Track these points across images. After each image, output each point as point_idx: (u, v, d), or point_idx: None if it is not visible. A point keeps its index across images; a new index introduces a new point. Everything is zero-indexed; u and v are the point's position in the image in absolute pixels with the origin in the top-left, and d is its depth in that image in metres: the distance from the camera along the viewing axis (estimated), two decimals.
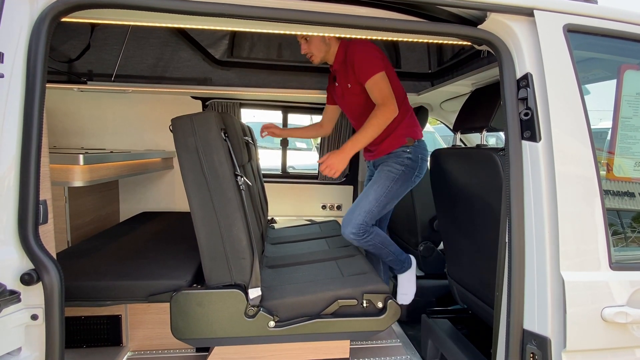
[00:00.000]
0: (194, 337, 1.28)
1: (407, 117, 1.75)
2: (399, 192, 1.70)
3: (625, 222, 1.01)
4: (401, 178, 1.68)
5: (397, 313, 1.40)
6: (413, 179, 1.72)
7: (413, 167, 1.70)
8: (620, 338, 0.85)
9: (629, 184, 1.01)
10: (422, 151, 1.74)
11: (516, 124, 0.93)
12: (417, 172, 1.72)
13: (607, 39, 0.97)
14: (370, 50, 1.62)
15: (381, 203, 1.66)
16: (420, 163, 1.73)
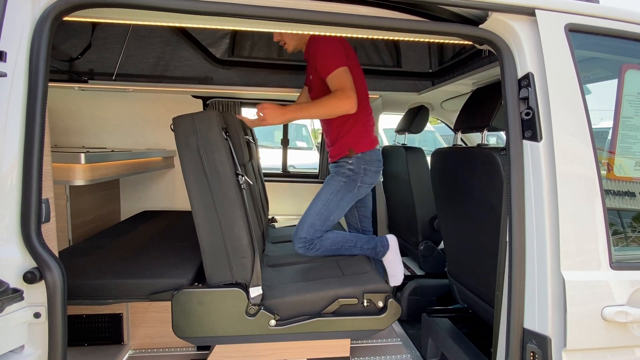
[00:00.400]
0: (195, 335, 1.28)
1: (358, 125, 1.68)
2: (341, 204, 1.66)
3: (625, 221, 1.01)
4: (341, 190, 1.65)
5: (397, 312, 1.40)
6: (356, 191, 1.67)
7: (354, 178, 1.66)
8: (620, 337, 0.85)
9: (629, 183, 1.01)
10: (367, 163, 1.67)
11: (517, 123, 0.93)
12: (359, 183, 1.67)
13: (609, 39, 0.97)
14: (333, 44, 1.54)
15: (322, 216, 1.63)
16: (363, 174, 1.66)
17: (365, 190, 1.71)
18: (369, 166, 1.67)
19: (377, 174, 1.71)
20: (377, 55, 2.33)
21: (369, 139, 1.70)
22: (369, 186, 1.71)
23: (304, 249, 1.63)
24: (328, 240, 1.67)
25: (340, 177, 1.66)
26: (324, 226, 1.65)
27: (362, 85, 1.68)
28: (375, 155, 1.71)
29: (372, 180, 1.70)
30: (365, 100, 1.72)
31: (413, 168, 2.17)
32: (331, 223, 1.68)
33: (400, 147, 2.28)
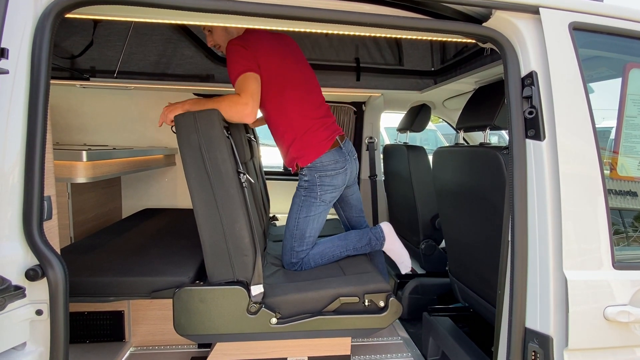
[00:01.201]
0: (196, 333, 1.28)
1: (298, 137, 1.54)
2: (310, 218, 1.58)
3: (628, 221, 1.01)
4: (304, 205, 1.58)
5: (398, 311, 1.40)
6: (319, 201, 1.57)
7: (312, 189, 1.56)
8: (622, 337, 0.85)
9: (632, 183, 1.01)
10: (320, 170, 1.55)
11: (520, 122, 0.92)
12: (319, 192, 1.56)
13: (613, 37, 0.97)
14: (235, 50, 1.41)
15: (297, 236, 1.58)
16: (319, 182, 1.56)
17: (330, 195, 1.59)
18: (323, 172, 1.56)
19: (336, 177, 1.58)
20: (379, 54, 2.33)
21: (313, 147, 1.54)
22: (332, 190, 1.59)
23: (296, 268, 1.60)
24: (316, 256, 1.61)
25: (300, 192, 1.61)
26: (304, 245, 1.59)
27: (303, 82, 1.55)
28: (328, 159, 1.55)
29: (334, 183, 1.58)
30: (307, 102, 1.55)
31: (415, 167, 2.16)
32: (310, 239, 1.61)
33: (402, 146, 2.28)
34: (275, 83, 1.48)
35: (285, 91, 1.50)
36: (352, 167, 1.65)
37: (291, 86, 1.51)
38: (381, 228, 1.71)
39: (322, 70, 2.30)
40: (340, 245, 1.64)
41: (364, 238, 1.68)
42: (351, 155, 1.66)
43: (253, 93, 1.36)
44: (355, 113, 2.72)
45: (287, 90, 1.50)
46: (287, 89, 1.50)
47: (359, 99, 2.66)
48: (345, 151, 1.62)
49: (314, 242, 1.64)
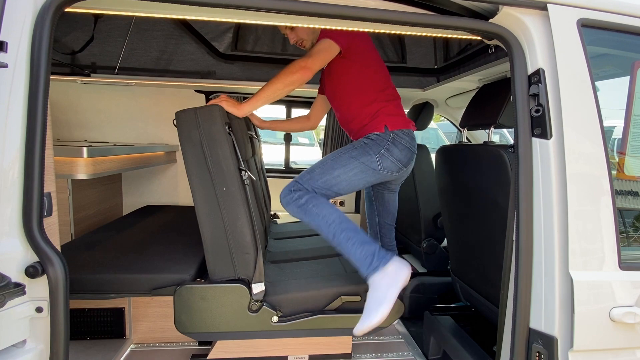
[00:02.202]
0: (197, 331, 1.28)
1: (388, 103, 1.46)
2: (351, 164, 1.35)
3: (634, 221, 0.99)
4: (359, 148, 1.38)
5: (400, 310, 1.39)
6: (376, 158, 1.36)
7: (379, 142, 1.38)
8: (628, 338, 0.84)
9: (639, 183, 1.00)
10: (396, 133, 1.40)
11: (526, 120, 0.91)
12: (383, 151, 1.37)
13: (622, 35, 0.95)
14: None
15: (326, 166, 1.36)
16: (390, 143, 1.38)
17: (389, 165, 1.38)
18: (399, 138, 1.40)
19: (408, 153, 1.43)
20: (381, 51, 2.31)
21: (402, 117, 1.48)
22: (394, 162, 1.39)
23: (285, 195, 1.36)
24: (319, 207, 1.32)
25: (362, 140, 1.41)
26: (322, 180, 1.35)
27: (373, 74, 1.48)
28: (409, 135, 1.46)
29: (401, 157, 1.40)
30: (385, 92, 1.49)
31: (417, 165, 2.15)
32: (330, 181, 1.35)
33: None
34: (368, 57, 1.47)
35: (376, 65, 1.48)
36: (411, 165, 1.54)
37: (384, 73, 1.51)
38: (393, 261, 1.28)
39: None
40: (348, 227, 1.32)
41: (371, 247, 1.30)
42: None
43: (320, 58, 1.34)
44: None
45: (378, 66, 1.48)
46: (379, 66, 1.49)
47: None
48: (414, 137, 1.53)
49: (329, 196, 1.39)
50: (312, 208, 1.32)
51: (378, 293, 1.23)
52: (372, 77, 1.48)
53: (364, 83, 1.47)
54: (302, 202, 1.33)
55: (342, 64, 1.45)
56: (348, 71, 1.46)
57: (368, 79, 1.47)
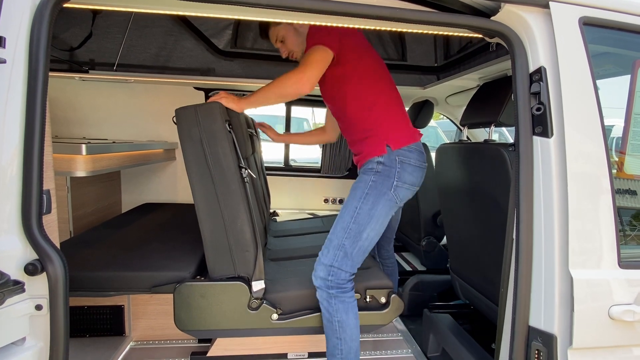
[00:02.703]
0: (196, 328, 1.28)
1: (388, 119, 1.32)
2: (374, 213, 1.23)
3: (633, 220, 1.00)
4: (371, 192, 1.24)
5: (400, 308, 1.40)
6: (392, 192, 1.24)
7: (387, 174, 1.25)
8: (627, 336, 0.85)
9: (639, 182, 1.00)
10: (402, 153, 1.27)
11: (527, 119, 0.91)
12: (395, 181, 1.24)
13: (623, 33, 0.95)
14: (320, 27, 1.25)
15: (352, 232, 1.23)
16: (399, 168, 1.25)
17: (405, 193, 1.27)
18: (405, 157, 1.27)
19: (419, 172, 1.30)
20: (381, 48, 2.30)
21: (407, 131, 1.32)
22: (409, 188, 1.28)
23: (325, 281, 1.24)
24: (344, 312, 1.24)
25: (368, 176, 1.26)
26: (355, 248, 1.23)
27: (375, 76, 1.35)
28: (416, 148, 1.31)
29: (413, 179, 1.28)
30: (389, 89, 1.37)
31: None
32: (365, 245, 1.25)
33: None
34: (366, 63, 1.33)
35: (373, 63, 1.35)
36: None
37: (383, 73, 1.37)
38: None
39: None
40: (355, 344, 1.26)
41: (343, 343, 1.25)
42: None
43: (317, 66, 1.22)
44: None
45: (376, 64, 1.35)
46: (376, 64, 1.35)
47: None
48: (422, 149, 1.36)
49: (361, 262, 1.28)
50: (335, 317, 1.24)
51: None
52: (369, 78, 1.33)
53: (360, 85, 1.33)
54: (332, 302, 1.23)
55: (336, 69, 1.32)
56: (343, 74, 1.33)
57: (364, 80, 1.33)
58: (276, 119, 5.35)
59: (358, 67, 1.32)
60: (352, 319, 1.25)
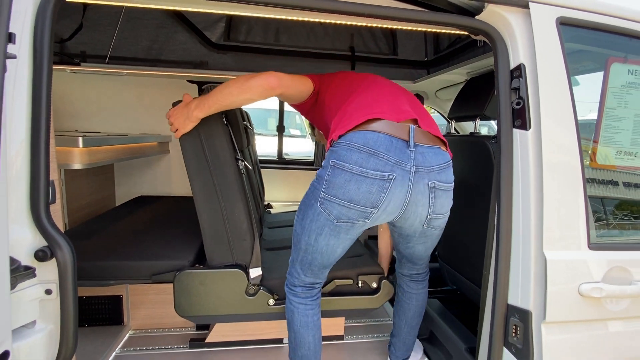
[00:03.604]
0: (196, 314, 1.33)
1: (339, 114, 1.10)
2: (304, 224, 1.05)
3: (603, 207, 1.08)
4: (304, 200, 1.07)
5: (390, 292, 1.47)
6: (320, 204, 0.99)
7: (318, 179, 1.01)
8: (594, 311, 0.93)
9: (611, 172, 1.08)
10: (338, 154, 0.97)
11: (508, 112, 0.97)
12: (322, 190, 0.98)
13: (598, 32, 1.01)
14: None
15: (294, 239, 1.13)
16: (328, 173, 0.98)
17: (340, 210, 0.97)
18: (340, 162, 0.96)
19: (359, 181, 0.94)
20: (373, 43, 2.34)
21: (343, 124, 1.02)
22: (342, 204, 0.96)
23: (286, 288, 1.23)
24: (291, 314, 1.19)
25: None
26: (298, 257, 1.12)
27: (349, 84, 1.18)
28: (357, 141, 0.96)
29: (349, 195, 0.95)
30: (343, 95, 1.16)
31: None
32: (308, 258, 1.10)
33: None
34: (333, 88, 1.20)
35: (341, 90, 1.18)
36: (407, 186, 0.96)
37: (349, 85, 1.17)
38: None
39: (318, 58, 2.31)
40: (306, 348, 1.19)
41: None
42: (417, 161, 0.97)
43: (286, 76, 1.12)
44: None
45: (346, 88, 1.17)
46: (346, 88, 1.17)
47: None
48: (395, 149, 0.95)
49: (316, 273, 1.15)
50: (289, 320, 1.20)
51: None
52: (336, 97, 1.17)
53: (329, 112, 1.17)
54: (293, 300, 1.18)
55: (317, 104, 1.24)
56: (321, 109, 1.23)
57: (333, 105, 1.16)
58: (269, 112, 5.35)
59: (326, 94, 1.20)
60: (296, 322, 1.17)
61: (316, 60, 2.33)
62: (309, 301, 1.18)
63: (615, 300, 0.93)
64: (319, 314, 1.20)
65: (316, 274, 1.16)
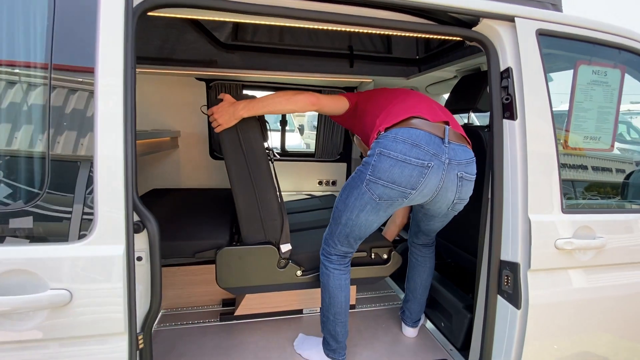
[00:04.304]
0: (235, 285, 1.51)
1: (383, 113, 1.31)
2: (347, 202, 1.25)
3: (572, 182, 1.34)
4: (350, 182, 1.26)
5: (398, 262, 1.71)
6: (365, 185, 1.18)
7: (365, 165, 1.21)
8: (567, 260, 1.19)
9: (579, 154, 1.34)
10: (384, 144, 1.16)
11: (499, 106, 1.21)
12: (369, 173, 1.17)
13: (568, 40, 1.26)
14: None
15: (334, 215, 1.34)
16: (374, 159, 1.16)
17: (383, 191, 1.16)
18: (387, 150, 1.14)
19: (400, 166, 1.13)
20: (369, 42, 2.54)
21: (391, 117, 1.24)
22: (385, 185, 1.15)
23: (321, 247, 1.47)
24: (327, 278, 1.40)
25: (359, 167, 1.26)
26: (337, 229, 1.33)
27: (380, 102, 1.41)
28: (402, 135, 1.15)
29: (392, 177, 1.14)
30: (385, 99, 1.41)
31: None
32: (346, 230, 1.30)
33: None
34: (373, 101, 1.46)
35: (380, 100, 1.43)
36: (441, 174, 1.16)
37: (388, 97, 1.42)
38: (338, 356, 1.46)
39: (319, 57, 2.48)
40: (340, 307, 1.41)
41: (342, 330, 1.43)
42: (450, 155, 1.17)
43: (323, 96, 1.44)
44: None
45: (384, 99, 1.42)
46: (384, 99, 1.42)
47: (352, 84, 2.88)
48: (433, 144, 1.15)
49: (352, 244, 1.36)
50: (324, 285, 1.43)
51: (314, 351, 1.53)
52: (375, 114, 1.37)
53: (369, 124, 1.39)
54: (321, 273, 1.44)
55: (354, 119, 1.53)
56: (361, 116, 1.48)
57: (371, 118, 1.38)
58: None
59: (367, 104, 1.47)
60: (331, 284, 1.39)
61: (317, 59, 2.50)
62: (342, 267, 1.42)
63: (582, 251, 1.19)
64: (349, 279, 1.45)
65: (351, 245, 1.37)
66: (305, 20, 1.09)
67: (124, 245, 0.88)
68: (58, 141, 0.86)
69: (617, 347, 1.31)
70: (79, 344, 0.88)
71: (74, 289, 0.85)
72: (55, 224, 0.85)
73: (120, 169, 0.91)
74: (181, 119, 2.72)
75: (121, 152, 0.91)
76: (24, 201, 0.84)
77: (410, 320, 1.75)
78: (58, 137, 0.87)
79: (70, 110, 0.88)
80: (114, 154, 0.90)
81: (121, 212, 0.90)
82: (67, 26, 0.87)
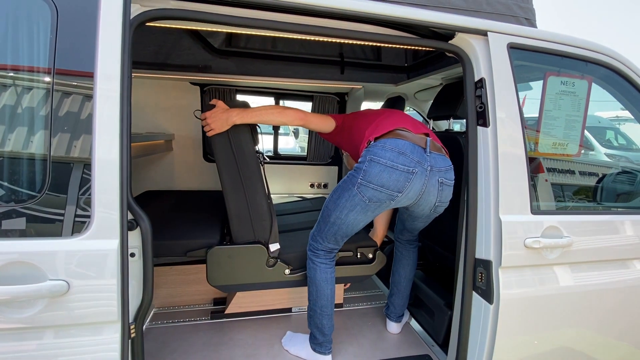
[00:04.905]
0: (225, 283, 1.57)
1: (372, 126, 1.47)
2: (338, 202, 1.36)
3: (539, 185, 1.43)
4: (342, 184, 1.37)
5: (383, 261, 1.78)
6: (357, 188, 1.30)
7: (357, 170, 1.32)
8: (535, 258, 1.27)
9: (553, 160, 1.43)
10: (374, 152, 1.30)
11: (474, 114, 1.29)
12: (360, 177, 1.29)
13: (537, 53, 1.36)
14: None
15: (324, 213, 1.44)
16: (365, 165, 1.29)
17: (372, 194, 1.29)
18: (376, 157, 1.28)
19: (389, 172, 1.26)
20: (360, 50, 2.63)
21: (381, 129, 1.40)
22: (375, 189, 1.27)
23: (308, 243, 1.56)
24: (314, 272, 1.50)
25: (351, 172, 1.37)
26: (326, 227, 1.43)
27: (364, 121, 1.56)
28: (394, 147, 1.29)
29: (381, 181, 1.26)
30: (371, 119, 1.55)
31: None
32: (334, 229, 1.41)
33: None
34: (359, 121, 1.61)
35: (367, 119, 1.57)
36: (424, 180, 1.30)
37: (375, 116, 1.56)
38: (322, 351, 1.56)
39: (311, 63, 2.57)
40: (325, 300, 1.50)
41: (328, 324, 1.53)
42: (432, 163, 1.32)
43: (312, 114, 1.63)
44: (339, 103, 3.05)
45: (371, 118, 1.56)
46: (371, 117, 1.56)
47: (342, 90, 2.97)
48: (417, 153, 1.30)
49: (338, 241, 1.47)
50: (310, 278, 1.53)
51: (301, 347, 1.61)
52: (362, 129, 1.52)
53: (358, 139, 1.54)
54: (308, 269, 1.55)
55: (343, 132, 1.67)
56: (349, 132, 1.64)
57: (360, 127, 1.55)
58: None
59: (354, 121, 1.62)
60: (318, 277, 1.49)
61: (309, 65, 2.59)
62: (328, 261, 1.53)
63: (550, 249, 1.28)
64: (334, 273, 1.55)
65: (337, 241, 1.50)
66: (293, 32, 1.17)
67: (118, 240, 0.95)
68: (58, 143, 0.93)
69: (585, 341, 1.39)
70: (75, 331, 0.94)
71: (71, 280, 0.91)
72: (55, 221, 0.91)
73: (115, 169, 0.97)
74: (176, 123, 2.78)
75: (117, 153, 0.97)
76: (26, 200, 0.90)
77: (395, 314, 1.82)
78: (59, 139, 0.93)
79: (70, 114, 0.94)
80: (109, 156, 0.96)
81: (116, 211, 0.96)
82: (70, 36, 0.93)
